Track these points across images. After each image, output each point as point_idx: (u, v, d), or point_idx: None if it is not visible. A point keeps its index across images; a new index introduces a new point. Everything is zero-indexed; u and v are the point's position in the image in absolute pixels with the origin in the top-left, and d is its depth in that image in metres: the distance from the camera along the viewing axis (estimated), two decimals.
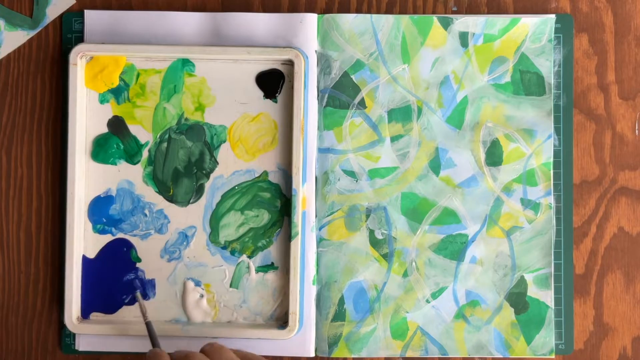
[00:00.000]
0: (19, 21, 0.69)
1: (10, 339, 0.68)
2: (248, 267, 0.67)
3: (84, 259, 0.67)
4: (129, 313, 0.67)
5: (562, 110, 0.67)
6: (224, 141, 0.67)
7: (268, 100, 0.67)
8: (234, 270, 0.67)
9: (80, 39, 0.68)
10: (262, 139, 0.67)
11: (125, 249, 0.67)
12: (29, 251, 0.68)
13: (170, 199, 0.67)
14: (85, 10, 0.68)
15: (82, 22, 0.68)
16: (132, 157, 0.67)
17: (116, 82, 0.67)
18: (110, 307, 0.67)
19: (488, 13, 0.68)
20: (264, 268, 0.67)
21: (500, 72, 0.67)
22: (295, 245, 0.65)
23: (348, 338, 0.67)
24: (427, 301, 0.67)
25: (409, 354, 0.67)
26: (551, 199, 0.67)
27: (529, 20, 0.67)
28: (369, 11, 0.68)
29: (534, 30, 0.67)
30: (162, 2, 0.69)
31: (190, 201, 0.67)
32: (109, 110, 0.67)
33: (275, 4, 0.68)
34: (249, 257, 0.67)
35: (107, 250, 0.67)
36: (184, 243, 0.67)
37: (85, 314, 0.67)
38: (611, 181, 0.68)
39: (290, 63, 0.66)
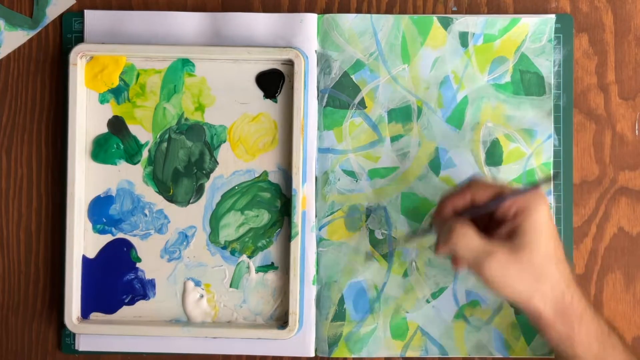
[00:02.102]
0: (19, 21, 0.69)
1: (10, 339, 0.68)
2: (248, 267, 0.67)
3: (84, 259, 0.67)
4: (129, 313, 0.67)
5: (562, 110, 0.67)
6: (224, 141, 0.67)
7: (268, 100, 0.67)
8: (234, 270, 0.67)
9: (80, 39, 0.68)
10: (262, 139, 0.67)
11: (125, 249, 0.67)
12: (29, 251, 0.68)
13: (170, 199, 0.67)
14: (85, 10, 0.68)
15: (82, 22, 0.68)
16: (132, 157, 0.67)
17: (116, 82, 0.67)
18: (110, 307, 0.67)
19: (488, 13, 0.68)
20: (264, 268, 0.67)
21: (500, 72, 0.67)
22: (295, 245, 0.65)
23: (348, 338, 0.67)
24: (427, 301, 0.67)
25: (409, 354, 0.67)
26: (551, 199, 0.67)
27: (529, 20, 0.67)
28: (369, 11, 0.68)
29: (534, 30, 0.67)
30: (162, 2, 0.69)
31: (190, 201, 0.67)
32: (109, 110, 0.67)
33: (275, 4, 0.69)
34: (249, 257, 0.67)
35: (107, 250, 0.67)
36: (184, 243, 0.67)
37: (85, 314, 0.67)
38: (611, 181, 0.68)
39: (290, 63, 0.66)
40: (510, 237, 0.56)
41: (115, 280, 0.67)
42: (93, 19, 0.67)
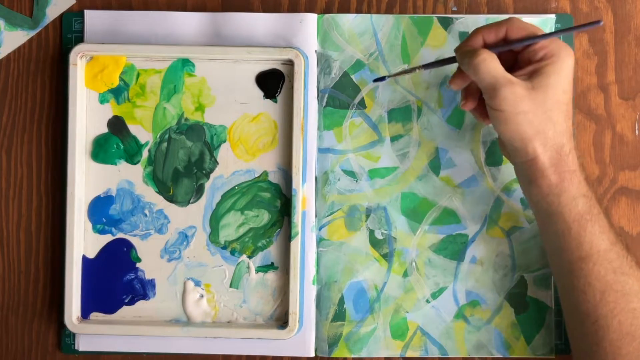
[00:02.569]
0: (19, 21, 0.69)
1: (10, 339, 0.68)
2: (248, 267, 0.67)
3: (84, 259, 0.67)
4: (129, 313, 0.67)
5: None
6: (224, 141, 0.67)
7: (268, 100, 0.67)
8: (234, 270, 0.67)
9: (80, 39, 0.68)
10: (262, 139, 0.67)
11: (125, 249, 0.67)
12: (29, 251, 0.68)
13: (170, 199, 0.67)
14: (85, 10, 0.68)
15: (82, 22, 0.68)
16: (132, 157, 0.67)
17: (116, 82, 0.67)
18: (110, 307, 0.67)
19: (488, 13, 0.68)
20: (264, 268, 0.67)
21: None
22: (295, 245, 0.65)
23: (348, 338, 0.67)
24: (427, 301, 0.67)
25: (409, 354, 0.67)
26: None
27: (529, 20, 0.67)
28: (369, 11, 0.68)
29: None
30: (162, 2, 0.69)
31: (190, 201, 0.67)
32: (109, 110, 0.67)
33: (275, 4, 0.69)
34: (249, 257, 0.67)
35: (107, 250, 0.67)
36: (184, 243, 0.67)
37: (85, 314, 0.67)
38: (611, 181, 0.68)
39: (290, 63, 0.66)
40: (530, 77, 0.56)
41: (115, 280, 0.67)
42: (93, 19, 0.68)
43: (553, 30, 0.67)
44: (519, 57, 0.59)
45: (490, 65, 0.56)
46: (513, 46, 0.58)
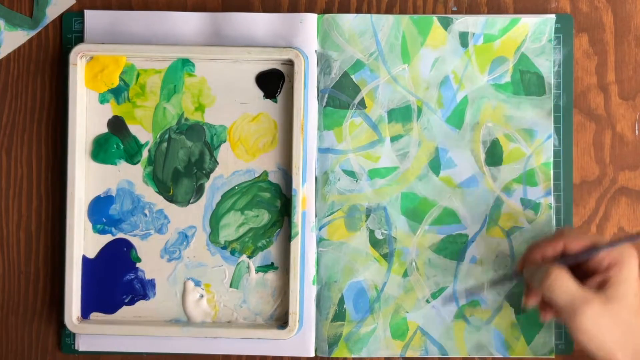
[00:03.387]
0: (19, 21, 0.69)
1: (10, 339, 0.68)
2: (248, 267, 0.67)
3: (84, 259, 0.67)
4: (129, 313, 0.67)
5: (562, 110, 0.67)
6: (224, 141, 0.67)
7: (268, 100, 0.67)
8: (234, 270, 0.67)
9: (80, 39, 0.68)
10: (262, 139, 0.67)
11: (125, 249, 0.67)
12: (29, 251, 0.68)
13: (170, 199, 0.67)
14: (85, 10, 0.68)
15: (82, 22, 0.68)
16: (132, 157, 0.67)
17: (116, 82, 0.67)
18: (110, 307, 0.67)
19: (488, 13, 0.68)
20: (264, 268, 0.67)
21: (500, 72, 0.67)
22: (295, 245, 0.65)
23: (348, 338, 0.67)
24: (427, 301, 0.67)
25: (409, 354, 0.67)
26: (551, 199, 0.67)
27: (529, 20, 0.67)
28: (369, 11, 0.68)
29: (534, 30, 0.67)
30: (162, 2, 0.69)
31: (190, 201, 0.67)
32: (109, 110, 0.67)
33: (275, 4, 0.69)
34: (249, 257, 0.67)
35: (107, 250, 0.67)
36: (184, 243, 0.67)
37: (85, 314, 0.67)
38: (611, 181, 0.68)
39: (290, 63, 0.66)
40: (601, 287, 0.57)
41: (115, 280, 0.67)
42: (93, 19, 0.68)
43: (553, 31, 0.67)
44: (582, 264, 0.59)
45: (564, 283, 0.56)
46: (572, 261, 0.58)
